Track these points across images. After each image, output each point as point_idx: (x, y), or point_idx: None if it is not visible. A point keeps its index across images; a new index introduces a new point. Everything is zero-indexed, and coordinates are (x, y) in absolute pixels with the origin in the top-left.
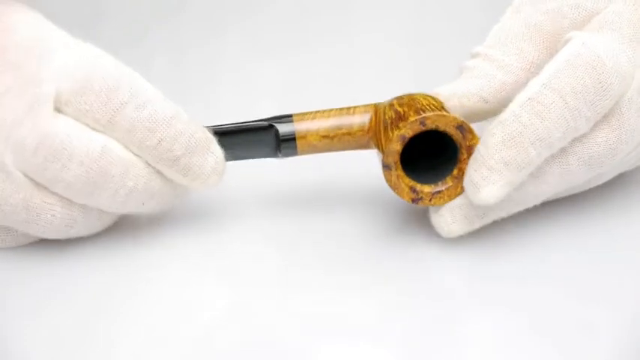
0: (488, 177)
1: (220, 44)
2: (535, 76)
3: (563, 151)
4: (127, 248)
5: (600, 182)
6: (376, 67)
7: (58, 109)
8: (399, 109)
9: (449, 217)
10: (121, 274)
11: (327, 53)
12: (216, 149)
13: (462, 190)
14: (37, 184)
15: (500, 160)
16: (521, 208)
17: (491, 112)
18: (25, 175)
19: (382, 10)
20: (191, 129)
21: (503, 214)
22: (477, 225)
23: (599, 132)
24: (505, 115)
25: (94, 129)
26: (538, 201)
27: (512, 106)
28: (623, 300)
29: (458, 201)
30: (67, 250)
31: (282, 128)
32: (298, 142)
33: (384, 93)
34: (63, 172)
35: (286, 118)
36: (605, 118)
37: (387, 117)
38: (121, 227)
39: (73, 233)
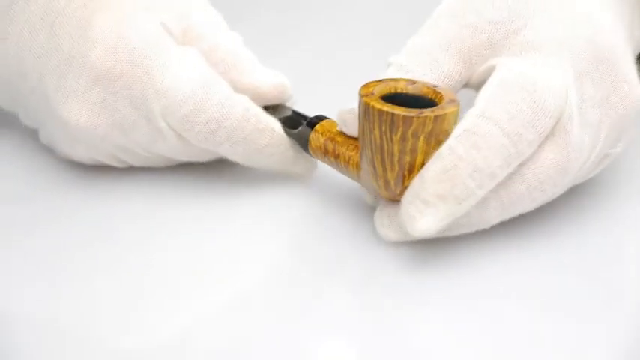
0: (423, 210)
1: None
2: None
3: (507, 177)
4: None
5: (556, 196)
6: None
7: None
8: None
9: (385, 221)
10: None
11: (335, 46)
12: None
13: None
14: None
15: (435, 194)
16: (469, 230)
17: None
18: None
19: (389, 1)
20: (286, 156)
21: (447, 234)
22: (412, 237)
23: (547, 154)
24: (442, 148)
25: None
26: (488, 225)
27: (449, 140)
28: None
29: (395, 209)
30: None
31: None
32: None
33: None
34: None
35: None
36: (551, 137)
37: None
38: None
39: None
